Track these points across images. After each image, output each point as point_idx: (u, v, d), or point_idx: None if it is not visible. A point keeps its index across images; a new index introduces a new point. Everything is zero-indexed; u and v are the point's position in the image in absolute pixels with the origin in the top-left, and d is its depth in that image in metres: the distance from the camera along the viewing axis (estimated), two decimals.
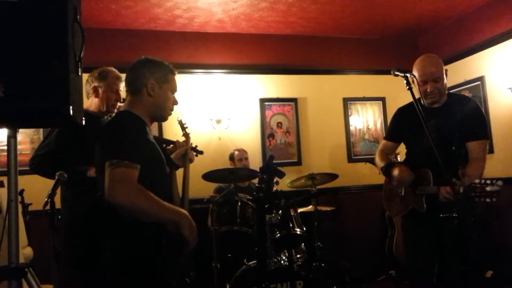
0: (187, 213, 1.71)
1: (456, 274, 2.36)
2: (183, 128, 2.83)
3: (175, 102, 1.92)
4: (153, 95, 1.80)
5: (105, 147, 1.67)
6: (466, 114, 2.45)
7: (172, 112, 1.93)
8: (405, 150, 2.77)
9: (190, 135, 2.75)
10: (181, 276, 1.80)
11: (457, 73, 4.75)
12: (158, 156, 1.77)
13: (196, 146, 3.02)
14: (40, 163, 2.58)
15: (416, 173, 2.46)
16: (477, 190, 2.10)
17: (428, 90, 2.44)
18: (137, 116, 1.76)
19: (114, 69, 2.75)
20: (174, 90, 1.90)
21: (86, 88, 2.69)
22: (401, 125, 2.70)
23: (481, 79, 4.43)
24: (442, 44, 5.02)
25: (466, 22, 4.66)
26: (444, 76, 2.48)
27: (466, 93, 4.63)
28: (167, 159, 1.85)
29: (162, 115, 1.88)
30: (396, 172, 2.50)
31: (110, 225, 1.70)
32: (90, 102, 2.69)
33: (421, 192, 2.44)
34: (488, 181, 2.09)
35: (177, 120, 2.92)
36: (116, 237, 1.69)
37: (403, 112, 2.71)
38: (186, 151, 2.43)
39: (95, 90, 2.65)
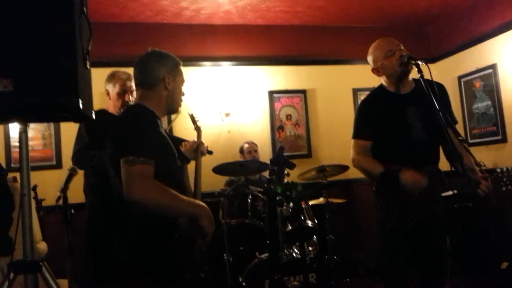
0: (205, 205, 1.71)
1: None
2: (194, 121, 2.84)
3: (183, 93, 1.94)
4: (169, 89, 1.81)
5: (118, 142, 1.67)
6: (442, 99, 2.18)
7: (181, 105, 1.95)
8: None
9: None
10: (196, 270, 1.79)
11: (468, 61, 4.68)
12: (170, 150, 1.77)
13: (207, 146, 3.02)
14: (80, 158, 2.65)
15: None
16: (505, 178, 2.06)
17: (402, 54, 2.25)
18: (149, 110, 1.76)
19: (122, 71, 2.80)
20: (183, 81, 1.92)
21: (105, 90, 2.80)
22: (375, 119, 2.35)
23: (493, 66, 4.35)
24: (452, 31, 4.94)
25: (477, 9, 4.57)
26: None
27: (478, 82, 4.56)
28: (178, 153, 1.85)
29: (175, 107, 1.90)
30: (410, 176, 2.15)
31: (122, 221, 1.71)
32: (108, 104, 2.80)
33: (450, 190, 2.26)
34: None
35: (188, 114, 2.91)
36: (128, 232, 1.69)
37: (372, 103, 2.43)
38: (198, 145, 2.43)
39: (107, 93, 2.77)
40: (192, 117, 2.87)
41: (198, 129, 2.75)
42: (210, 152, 2.82)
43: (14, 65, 1.26)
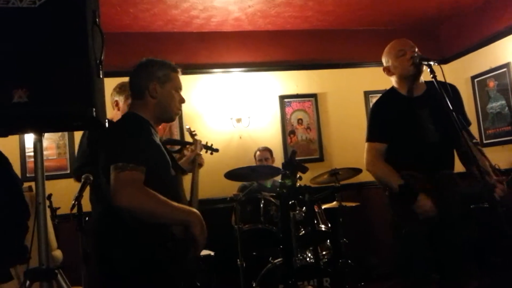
0: (197, 212, 1.68)
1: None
2: (191, 135, 2.88)
3: (182, 101, 1.88)
4: (156, 96, 1.77)
5: (108, 150, 1.65)
6: (455, 100, 2.16)
7: (184, 114, 1.91)
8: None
9: (210, 135, 2.79)
10: (190, 278, 1.78)
11: (481, 61, 4.62)
12: (163, 158, 1.74)
13: (212, 144, 3.07)
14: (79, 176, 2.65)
15: (436, 179, 2.22)
16: None
17: (413, 55, 2.24)
18: (142, 118, 1.75)
19: None
20: (178, 87, 1.85)
21: (111, 100, 2.81)
22: (388, 121, 2.33)
23: (507, 65, 4.29)
24: (464, 31, 4.88)
25: (489, 8, 4.51)
26: None
27: (492, 82, 4.49)
28: (172, 163, 1.80)
29: (168, 115, 1.84)
30: (423, 205, 2.15)
31: (116, 230, 1.68)
32: (114, 114, 2.80)
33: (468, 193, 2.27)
34: None
35: (185, 128, 2.96)
36: (122, 241, 1.66)
37: (384, 106, 2.41)
38: (195, 157, 2.45)
39: (117, 103, 2.78)
40: (189, 131, 2.91)
41: (195, 141, 2.78)
42: (216, 150, 2.91)
43: (28, 76, 1.27)
